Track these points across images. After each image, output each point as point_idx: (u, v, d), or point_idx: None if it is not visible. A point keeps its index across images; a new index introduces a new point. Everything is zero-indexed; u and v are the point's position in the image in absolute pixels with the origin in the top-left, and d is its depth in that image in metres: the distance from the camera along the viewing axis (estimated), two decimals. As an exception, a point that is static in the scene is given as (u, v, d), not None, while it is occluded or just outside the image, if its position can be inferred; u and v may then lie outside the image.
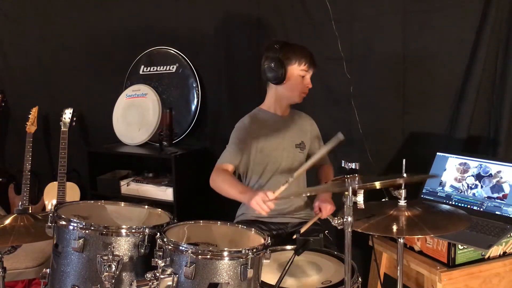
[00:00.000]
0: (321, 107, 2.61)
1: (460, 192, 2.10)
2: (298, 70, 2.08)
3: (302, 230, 1.87)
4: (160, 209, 1.83)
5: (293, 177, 1.76)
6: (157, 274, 1.41)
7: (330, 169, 2.27)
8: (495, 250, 1.90)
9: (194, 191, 2.83)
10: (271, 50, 2.09)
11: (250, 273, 1.42)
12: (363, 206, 1.42)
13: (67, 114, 3.06)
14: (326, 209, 1.97)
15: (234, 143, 2.11)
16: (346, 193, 1.42)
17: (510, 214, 1.95)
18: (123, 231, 1.55)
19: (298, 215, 2.19)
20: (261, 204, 1.75)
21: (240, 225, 1.74)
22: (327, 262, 1.76)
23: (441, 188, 2.16)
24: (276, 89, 2.14)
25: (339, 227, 1.43)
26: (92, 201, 1.95)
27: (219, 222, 1.72)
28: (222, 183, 2.00)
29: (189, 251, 1.41)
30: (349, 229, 1.41)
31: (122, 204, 1.88)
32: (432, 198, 2.18)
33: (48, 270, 1.63)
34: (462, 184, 2.11)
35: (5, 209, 3.13)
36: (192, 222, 1.71)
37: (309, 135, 2.26)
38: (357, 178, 1.49)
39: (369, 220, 1.59)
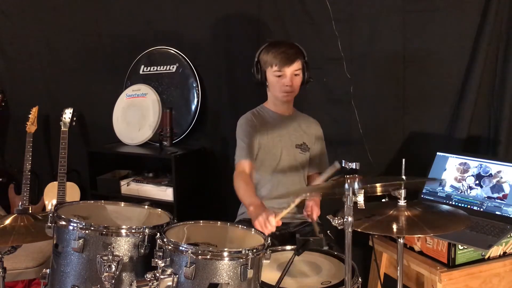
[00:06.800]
0: (321, 107, 2.61)
1: (460, 192, 2.10)
2: (271, 72, 2.12)
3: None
4: (160, 209, 1.83)
5: (294, 202, 1.82)
6: (157, 275, 1.41)
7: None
8: (495, 250, 1.90)
9: (194, 191, 2.82)
10: (257, 54, 2.16)
11: (250, 273, 1.42)
12: (363, 206, 1.42)
13: (67, 114, 3.05)
14: (318, 213, 1.99)
15: (245, 137, 2.14)
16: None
17: (510, 214, 1.95)
18: (123, 231, 1.55)
19: (300, 215, 2.19)
20: (263, 226, 1.75)
21: (240, 225, 1.74)
22: (327, 262, 1.76)
23: (441, 188, 2.16)
24: (266, 90, 2.21)
25: (339, 227, 1.43)
26: (92, 201, 1.96)
27: (219, 222, 1.72)
28: (238, 189, 2.04)
29: (189, 251, 1.41)
30: (349, 229, 1.41)
31: (122, 204, 1.88)
32: (432, 198, 2.18)
33: (48, 270, 1.63)
34: (462, 184, 2.11)
35: (5, 209, 3.12)
36: (192, 222, 1.71)
37: (313, 138, 2.27)
38: (357, 179, 1.49)
39: (369, 220, 1.59)
